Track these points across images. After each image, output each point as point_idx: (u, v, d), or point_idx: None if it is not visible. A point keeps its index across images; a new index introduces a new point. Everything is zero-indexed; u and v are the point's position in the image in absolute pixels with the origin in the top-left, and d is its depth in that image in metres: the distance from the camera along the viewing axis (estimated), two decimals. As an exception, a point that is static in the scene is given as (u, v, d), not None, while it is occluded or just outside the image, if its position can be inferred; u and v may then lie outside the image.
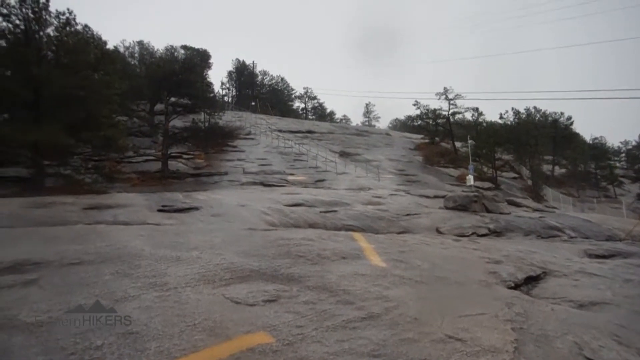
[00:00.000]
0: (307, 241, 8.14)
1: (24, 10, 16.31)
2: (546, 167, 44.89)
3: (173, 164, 26.32)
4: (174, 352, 3.41)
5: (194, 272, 5.51)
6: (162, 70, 27.98)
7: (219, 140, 31.70)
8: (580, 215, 21.86)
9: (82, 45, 17.26)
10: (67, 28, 17.19)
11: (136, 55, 51.46)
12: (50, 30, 17.17)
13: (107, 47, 22.43)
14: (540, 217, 18.08)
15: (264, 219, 12.60)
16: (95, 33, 19.09)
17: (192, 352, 3.43)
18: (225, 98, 69.90)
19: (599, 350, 4.19)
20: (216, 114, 32.00)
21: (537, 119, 46.58)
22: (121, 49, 47.94)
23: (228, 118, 38.67)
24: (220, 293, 4.86)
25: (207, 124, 31.49)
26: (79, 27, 17.80)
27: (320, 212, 14.29)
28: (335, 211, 14.58)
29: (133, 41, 54.09)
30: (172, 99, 28.64)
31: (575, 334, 4.52)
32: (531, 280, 7.54)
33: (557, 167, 46.65)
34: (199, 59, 46.90)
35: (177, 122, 29.22)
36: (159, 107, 30.12)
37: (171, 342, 3.54)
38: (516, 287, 6.94)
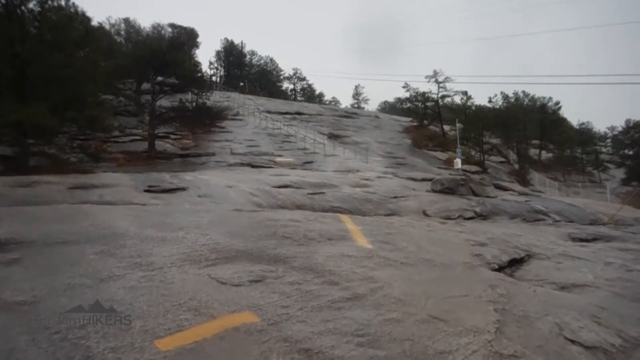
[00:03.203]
0: (294, 222, 8.15)
1: (3, -18, 15.75)
2: (533, 152, 45.32)
3: (160, 144, 26.01)
4: (159, 331, 3.42)
5: (179, 252, 5.50)
6: (149, 48, 27.49)
7: (206, 120, 31.33)
8: (566, 199, 22.17)
9: (66, 21, 16.79)
10: (50, 2, 16.69)
11: (122, 32, 50.39)
12: (32, 5, 16.66)
13: (92, 23, 21.92)
14: (526, 201, 18.29)
15: (251, 200, 12.57)
16: (79, 9, 18.59)
17: (177, 332, 3.44)
18: (214, 78, 68.98)
19: (579, 330, 4.28)
20: (204, 94, 31.56)
21: (525, 103, 46.85)
22: (107, 26, 46.83)
23: (216, 98, 38.17)
24: (205, 273, 4.86)
25: (194, 104, 31.08)
26: (61, 2, 17.30)
27: (308, 193, 14.28)
28: (322, 193, 14.58)
29: (119, 18, 52.86)
30: (159, 78, 28.17)
31: (556, 315, 4.61)
32: (515, 263, 7.66)
33: (544, 152, 47.06)
34: (186, 38, 46.21)
35: (164, 102, 28.78)
36: (146, 86, 29.62)
37: (156, 322, 3.55)
38: (500, 269, 7.04)
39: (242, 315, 3.81)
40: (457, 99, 44.18)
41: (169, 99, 29.40)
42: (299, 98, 76.15)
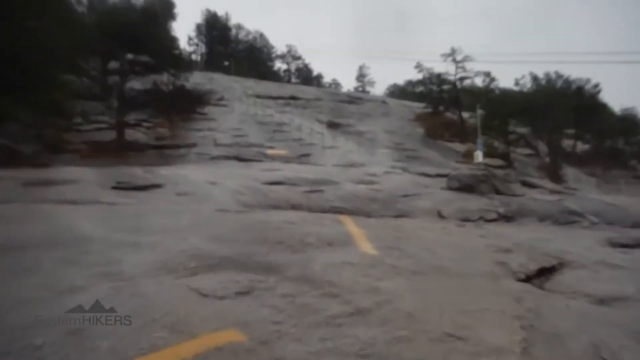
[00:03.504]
0: (288, 225, 8.18)
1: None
2: (567, 143, 45.29)
3: (131, 134, 26.06)
4: (130, 351, 3.41)
5: (154, 260, 5.51)
6: (117, 20, 27.37)
7: (185, 106, 31.32)
8: (605, 198, 22.18)
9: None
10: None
11: (85, 1, 50.24)
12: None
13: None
14: (559, 200, 18.32)
15: (238, 198, 12.58)
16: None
17: (151, 352, 3.44)
18: (193, 56, 68.94)
19: (619, 351, 4.28)
20: (182, 74, 31.51)
21: (558, 85, 46.73)
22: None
23: (196, 80, 38.18)
24: (184, 284, 4.86)
25: (171, 87, 31.03)
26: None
27: (304, 191, 14.31)
28: (321, 191, 14.61)
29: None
30: (129, 56, 28.10)
31: (592, 332, 4.62)
32: (545, 272, 7.65)
33: (579, 143, 47.03)
34: (161, 8, 46.03)
35: (136, 84, 28.76)
36: (114, 65, 29.55)
37: (126, 340, 3.55)
38: (527, 279, 7.05)
39: (227, 333, 3.81)
40: (478, 81, 44.20)
41: (140, 81, 29.34)
42: (293, 80, 76.18)
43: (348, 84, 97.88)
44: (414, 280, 5.80)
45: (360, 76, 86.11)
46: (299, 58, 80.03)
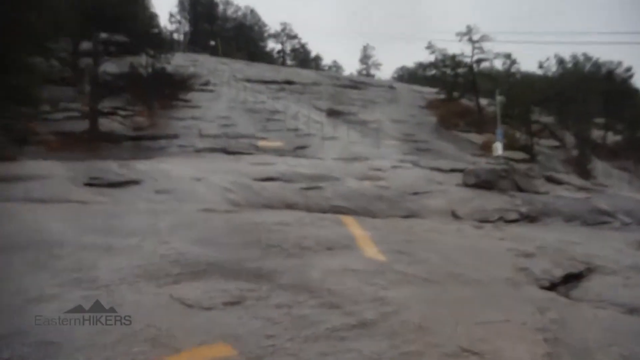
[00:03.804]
0: (283, 226, 8.20)
1: None
2: (596, 133, 45.13)
3: (105, 123, 25.91)
4: (106, 368, 3.44)
5: (132, 265, 5.52)
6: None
7: (166, 91, 31.17)
8: (638, 195, 22.22)
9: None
10: None
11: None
12: None
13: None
14: (587, 197, 18.37)
15: (226, 197, 12.59)
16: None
17: (130, 368, 3.47)
18: (175, 35, 68.76)
19: (652, 365, 4.33)
20: (163, 56, 31.39)
21: (586, 69, 46.56)
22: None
23: (179, 62, 37.99)
24: (166, 292, 4.88)
25: (150, 70, 30.90)
26: None
27: (301, 188, 14.31)
28: (320, 188, 14.61)
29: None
30: (103, 35, 27.96)
31: (622, 345, 4.65)
32: (571, 279, 7.70)
33: (610, 133, 46.85)
34: (139, -19, 45.91)
35: (111, 67, 28.65)
36: (86, 46, 29.42)
37: (102, 355, 3.57)
38: (552, 287, 7.09)
39: (215, 347, 3.84)
40: (498, 64, 44.04)
41: (116, 63, 29.21)
42: (288, 62, 75.99)
43: (350, 67, 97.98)
44: (426, 288, 5.83)
45: (365, 58, 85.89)
46: (294, 37, 79.74)
